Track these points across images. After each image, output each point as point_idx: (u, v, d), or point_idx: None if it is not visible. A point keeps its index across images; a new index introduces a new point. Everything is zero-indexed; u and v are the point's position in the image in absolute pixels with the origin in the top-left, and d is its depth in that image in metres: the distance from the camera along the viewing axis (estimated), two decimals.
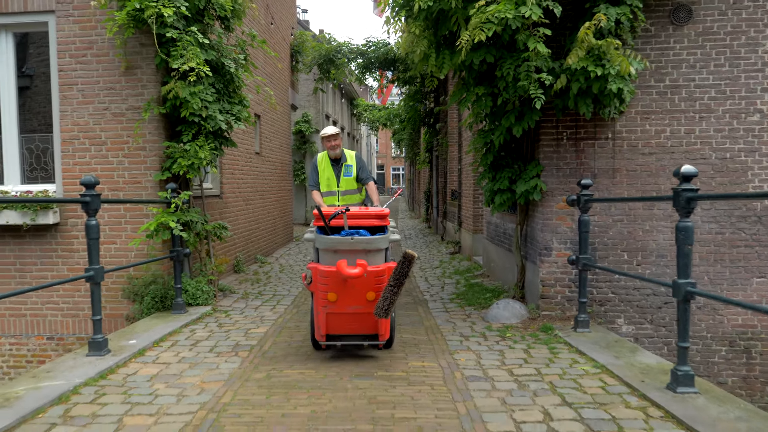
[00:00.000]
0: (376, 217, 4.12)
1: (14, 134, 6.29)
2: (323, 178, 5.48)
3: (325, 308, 3.93)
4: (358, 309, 3.92)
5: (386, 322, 4.04)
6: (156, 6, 5.28)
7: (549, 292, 5.45)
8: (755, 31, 5.07)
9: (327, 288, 3.85)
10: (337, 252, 3.83)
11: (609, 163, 5.33)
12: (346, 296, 3.86)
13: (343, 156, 5.49)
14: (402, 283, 3.72)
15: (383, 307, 3.75)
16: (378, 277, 3.83)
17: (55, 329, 6.19)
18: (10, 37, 6.22)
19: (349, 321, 4.02)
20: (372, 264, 3.83)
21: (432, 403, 3.36)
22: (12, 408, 3.16)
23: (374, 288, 3.85)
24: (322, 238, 3.85)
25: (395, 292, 3.72)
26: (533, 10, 4.23)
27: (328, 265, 3.84)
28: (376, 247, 3.84)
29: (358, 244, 3.80)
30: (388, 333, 4.16)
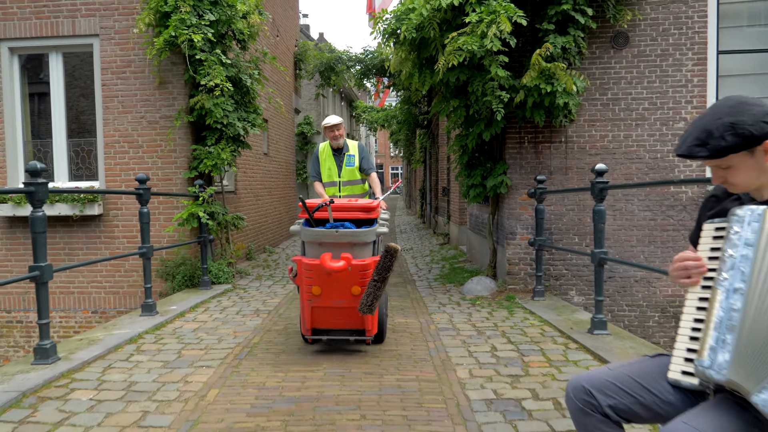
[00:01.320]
0: (362, 209, 3.98)
1: (63, 139, 7.40)
2: (324, 168, 5.49)
3: (310, 302, 3.87)
4: (343, 303, 3.84)
5: (373, 316, 3.98)
6: (187, 33, 6.38)
7: (514, 270, 6.57)
8: (680, 54, 6.19)
9: (311, 281, 3.77)
10: (322, 245, 3.77)
11: (562, 162, 6.44)
12: (330, 290, 3.78)
13: (345, 146, 5.47)
14: (385, 278, 3.65)
15: (367, 303, 3.66)
16: (363, 271, 3.74)
17: (99, 304, 7.30)
18: (60, 57, 7.33)
19: (335, 315, 3.94)
20: (358, 257, 3.75)
21: (410, 342, 4.48)
22: (99, 344, 4.28)
23: (359, 282, 3.75)
24: (307, 231, 3.78)
25: (378, 287, 3.64)
26: (494, 42, 5.33)
27: (312, 258, 3.78)
28: (361, 240, 3.77)
29: (343, 237, 3.74)
30: (375, 328, 4.08)
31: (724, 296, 1.50)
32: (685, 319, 1.64)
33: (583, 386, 1.75)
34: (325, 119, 5.43)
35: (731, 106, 1.59)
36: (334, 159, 5.46)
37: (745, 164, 1.57)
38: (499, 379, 3.56)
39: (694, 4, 6.13)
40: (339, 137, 5.36)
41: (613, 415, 1.71)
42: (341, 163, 5.45)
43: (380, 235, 3.96)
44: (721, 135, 1.55)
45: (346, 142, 5.48)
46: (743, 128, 1.53)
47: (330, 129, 5.37)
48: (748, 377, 1.44)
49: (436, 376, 3.64)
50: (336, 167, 5.46)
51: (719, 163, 1.61)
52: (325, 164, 5.48)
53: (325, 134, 5.44)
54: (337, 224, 3.87)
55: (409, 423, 2.92)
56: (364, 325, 3.99)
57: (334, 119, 5.36)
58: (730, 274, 1.50)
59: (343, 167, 5.44)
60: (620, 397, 1.71)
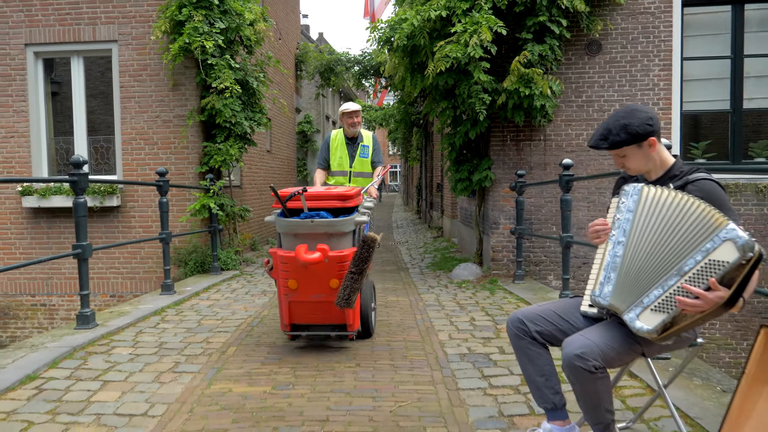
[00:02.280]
0: (338, 198, 3.73)
1: (84, 136, 8.02)
2: (335, 157, 5.25)
3: (287, 296, 3.69)
4: (321, 297, 3.66)
5: (354, 310, 3.79)
6: (200, 40, 7.00)
7: (498, 256, 7.20)
8: (647, 60, 6.82)
9: (287, 275, 3.60)
10: (297, 236, 3.58)
11: (541, 158, 7.07)
12: (307, 284, 3.61)
13: (360, 136, 5.24)
14: (363, 270, 3.49)
15: (344, 296, 3.48)
16: (341, 263, 3.57)
17: (117, 289, 7.92)
18: (81, 61, 7.94)
19: (314, 310, 3.75)
20: (335, 249, 3.58)
21: (399, 314, 5.11)
22: (128, 316, 4.90)
23: (338, 275, 3.58)
24: (281, 221, 3.60)
25: (356, 279, 3.47)
26: (476, 50, 5.95)
27: (288, 250, 3.60)
28: (338, 231, 3.59)
29: (318, 228, 3.55)
30: (357, 322, 3.89)
31: (611, 247, 2.14)
32: (594, 267, 2.27)
33: (518, 317, 2.39)
34: (343, 105, 5.18)
35: (626, 111, 2.22)
36: (346, 148, 5.21)
37: (635, 154, 2.21)
38: (474, 340, 4.19)
39: (660, 15, 6.75)
40: (357, 125, 5.14)
41: (539, 338, 2.35)
42: (354, 153, 5.20)
43: (360, 224, 3.74)
44: (617, 133, 2.19)
45: (360, 131, 5.27)
46: (632, 128, 2.17)
47: (348, 115, 5.11)
48: (622, 302, 2.07)
49: (420, 338, 4.27)
50: (348, 157, 5.20)
51: (617, 153, 2.25)
52: (336, 153, 5.23)
53: (342, 121, 5.16)
54: (312, 214, 3.62)
55: (396, 369, 3.55)
56: (345, 319, 3.78)
57: (353, 105, 5.11)
58: (616, 231, 2.14)
59: (356, 157, 5.20)
60: (544, 325, 2.34)
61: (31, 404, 3.00)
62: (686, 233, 1.93)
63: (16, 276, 7.97)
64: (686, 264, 1.91)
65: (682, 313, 1.92)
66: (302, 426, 2.73)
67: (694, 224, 1.93)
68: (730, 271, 1.84)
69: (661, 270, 1.97)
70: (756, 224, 6.64)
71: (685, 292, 1.90)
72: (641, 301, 2.00)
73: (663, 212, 2.01)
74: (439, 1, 6.29)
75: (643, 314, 1.98)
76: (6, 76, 7.80)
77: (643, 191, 2.11)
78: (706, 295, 1.85)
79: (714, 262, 1.86)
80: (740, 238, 1.81)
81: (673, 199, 1.99)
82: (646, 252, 2.02)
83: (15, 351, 3.79)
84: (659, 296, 1.96)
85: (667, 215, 1.99)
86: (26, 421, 2.80)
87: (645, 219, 2.05)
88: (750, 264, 1.81)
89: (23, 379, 3.31)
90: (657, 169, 2.23)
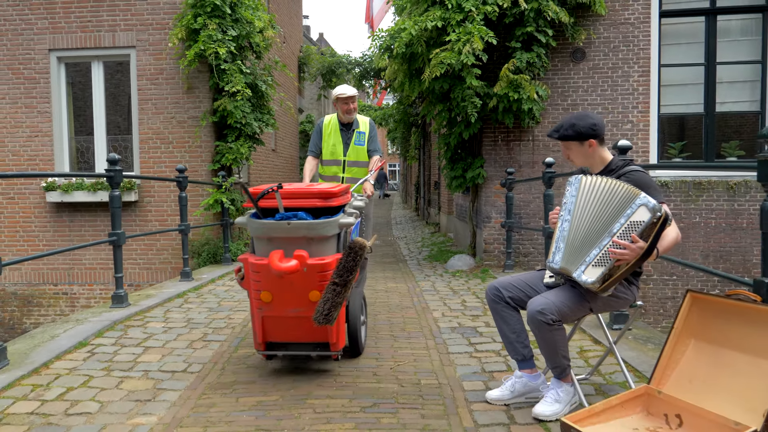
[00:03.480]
0: (320, 196, 3.20)
1: (103, 135, 8.57)
2: (327, 144, 4.73)
3: (260, 310, 3.15)
4: (299, 312, 3.12)
5: (338, 327, 3.22)
6: (214, 47, 7.55)
7: (489, 248, 7.76)
8: (627, 67, 7.38)
9: (260, 285, 3.08)
10: (272, 240, 3.07)
11: (530, 157, 7.64)
12: (283, 296, 3.08)
13: (355, 122, 4.72)
14: (347, 282, 2.97)
15: (323, 311, 2.95)
16: (322, 272, 3.04)
17: (134, 278, 8.48)
18: (101, 65, 8.49)
19: (291, 326, 3.20)
20: (316, 255, 3.07)
21: (398, 298, 5.67)
22: (154, 298, 5.46)
23: (319, 286, 3.05)
24: (253, 223, 3.11)
25: (338, 292, 2.95)
26: (468, 57, 6.51)
27: (261, 256, 3.10)
28: (319, 234, 3.06)
29: (296, 231, 3.03)
30: (342, 340, 3.32)
31: (560, 224, 2.71)
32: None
33: (494, 285, 2.95)
34: (337, 88, 4.67)
35: (578, 115, 2.79)
36: (340, 135, 4.71)
37: (577, 150, 2.78)
38: (464, 317, 4.76)
39: (640, 26, 7.32)
40: (353, 111, 4.64)
41: (511, 302, 2.91)
42: (349, 140, 4.71)
43: (346, 226, 3.19)
44: (566, 129, 2.76)
45: (357, 119, 4.75)
46: (578, 128, 2.73)
47: (344, 101, 4.61)
48: (571, 265, 2.63)
49: (417, 315, 4.84)
50: (342, 144, 4.71)
51: (564, 145, 2.82)
52: (329, 140, 4.73)
53: (337, 106, 4.69)
54: (289, 215, 3.09)
55: (395, 338, 4.12)
56: (329, 337, 3.20)
57: (349, 90, 4.62)
58: (564, 212, 2.71)
59: (351, 145, 4.71)
60: (515, 292, 2.90)
61: (88, 363, 3.56)
62: (613, 205, 2.53)
63: (40, 266, 8.52)
64: (614, 227, 2.50)
65: (615, 265, 2.49)
66: (316, 379, 3.29)
67: (618, 198, 2.52)
68: (646, 228, 2.44)
69: (597, 235, 2.55)
70: (727, 218, 7.21)
71: (615, 245, 2.48)
72: (584, 261, 2.56)
73: (596, 193, 2.59)
74: (435, 12, 6.85)
75: (587, 270, 2.55)
76: (31, 79, 8.34)
77: (582, 180, 2.69)
78: (631, 245, 2.44)
79: (634, 223, 2.46)
80: (650, 203, 2.42)
81: (604, 183, 2.58)
82: (585, 224, 2.60)
83: (63, 324, 4.35)
84: (597, 254, 2.53)
85: (600, 195, 2.57)
86: (87, 375, 3.36)
87: (584, 200, 2.63)
88: (660, 222, 2.42)
89: (76, 345, 3.87)
90: (598, 165, 2.79)
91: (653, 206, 2.42)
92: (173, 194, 8.35)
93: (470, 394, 3.05)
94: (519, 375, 2.92)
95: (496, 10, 6.68)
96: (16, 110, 8.39)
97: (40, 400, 2.98)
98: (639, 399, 2.71)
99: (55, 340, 3.91)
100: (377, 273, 7.43)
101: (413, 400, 2.98)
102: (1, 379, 3.19)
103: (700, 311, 2.73)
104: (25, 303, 8.58)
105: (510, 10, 6.74)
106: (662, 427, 2.56)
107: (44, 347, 3.77)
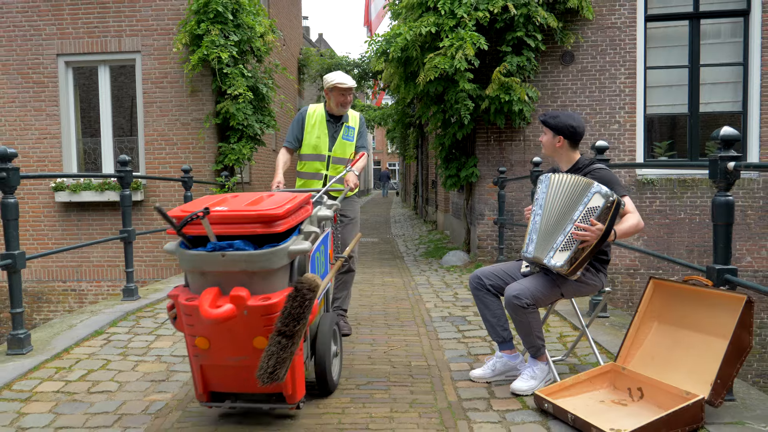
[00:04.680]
0: (260, 220, 2.45)
1: (109, 137, 8.87)
2: (311, 136, 4.11)
3: (198, 357, 2.59)
4: (243, 360, 2.54)
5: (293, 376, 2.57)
6: (216, 52, 7.84)
7: (483, 244, 8.06)
8: (614, 69, 7.68)
9: (193, 330, 2.52)
10: (206, 275, 2.48)
11: (521, 157, 7.93)
12: (222, 343, 2.51)
13: (345, 115, 4.16)
14: (294, 333, 2.36)
15: (267, 368, 2.33)
16: (268, 315, 2.43)
17: (140, 276, 8.76)
18: (108, 69, 8.79)
19: (236, 375, 2.62)
20: (260, 292, 2.45)
21: (394, 291, 5.97)
22: (163, 291, 5.77)
23: (264, 331, 2.45)
24: (182, 254, 2.48)
25: (285, 346, 2.35)
26: (461, 62, 6.80)
27: (195, 294, 2.50)
28: (263, 267, 2.43)
29: (233, 264, 2.41)
30: (300, 390, 2.64)
31: (533, 218, 3.02)
32: None
33: (477, 275, 3.25)
34: (333, 75, 4.06)
35: (567, 114, 3.09)
36: (327, 127, 4.11)
37: (549, 139, 3.11)
38: (455, 308, 5.06)
39: (626, 29, 7.61)
40: (348, 104, 4.11)
41: (492, 290, 3.20)
42: (336, 134, 4.12)
43: (300, 254, 2.53)
44: (551, 117, 3.08)
45: (347, 112, 4.21)
46: (558, 121, 3.05)
47: (341, 92, 4.02)
48: (542, 252, 2.93)
49: (411, 306, 5.14)
50: (328, 138, 4.11)
51: (543, 129, 3.14)
52: (312, 132, 4.13)
53: (330, 96, 4.08)
54: (222, 244, 2.42)
55: (389, 326, 4.42)
56: (283, 388, 2.58)
57: (349, 80, 4.04)
58: (536, 207, 3.02)
59: (338, 139, 4.12)
60: (495, 280, 3.20)
61: (105, 349, 3.86)
62: (574, 197, 2.85)
63: (49, 264, 8.82)
64: (575, 214, 2.83)
65: (579, 247, 2.80)
66: None
67: (577, 190, 2.85)
68: (602, 212, 2.77)
69: (562, 223, 2.86)
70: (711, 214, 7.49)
71: (578, 229, 2.79)
72: (552, 247, 2.87)
73: (562, 188, 2.90)
74: (429, 18, 7.15)
75: (555, 255, 2.85)
76: (40, 83, 8.64)
77: (551, 177, 3.00)
78: (591, 228, 2.77)
79: (591, 208, 2.79)
80: (603, 190, 2.77)
81: (569, 179, 2.91)
82: (553, 215, 2.91)
83: (79, 314, 4.65)
84: (563, 240, 2.83)
85: (565, 189, 2.89)
86: (105, 359, 3.66)
87: (552, 194, 2.94)
88: (613, 207, 2.77)
89: (93, 333, 4.17)
90: (566, 163, 3.11)
91: (605, 192, 2.76)
92: (178, 194, 8.64)
93: (456, 374, 3.35)
94: (499, 355, 3.22)
95: (487, 16, 6.97)
96: (25, 113, 8.69)
97: (64, 381, 3.28)
98: (606, 375, 3.02)
99: (73, 329, 4.21)
100: (375, 268, 7.73)
101: (404, 379, 3.28)
102: (28, 362, 3.49)
103: (662, 296, 3.04)
104: (35, 299, 8.88)
105: (500, 16, 7.03)
106: (625, 399, 2.86)
107: (63, 335, 4.06)
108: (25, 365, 3.44)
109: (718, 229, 2.85)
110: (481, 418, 2.74)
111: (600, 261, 3.06)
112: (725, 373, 2.57)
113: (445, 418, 2.75)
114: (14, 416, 2.82)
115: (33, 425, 2.72)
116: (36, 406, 2.93)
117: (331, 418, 2.76)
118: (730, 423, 2.56)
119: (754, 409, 2.70)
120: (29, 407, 2.92)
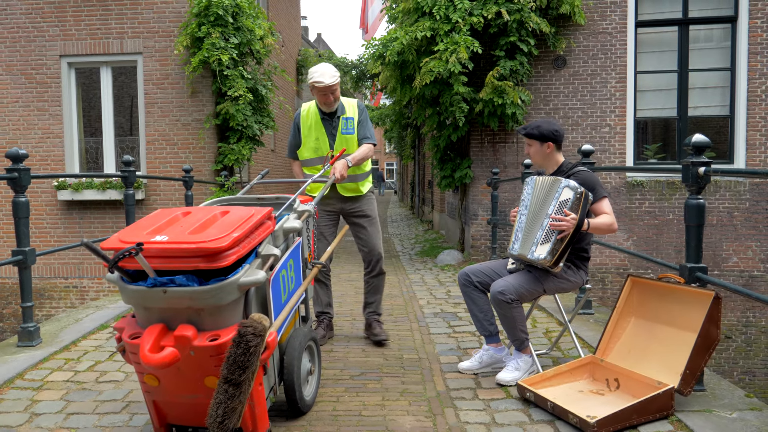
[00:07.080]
0: (201, 254, 2.16)
1: (111, 137, 9.04)
2: (309, 140, 3.87)
3: (149, 393, 2.42)
4: (196, 398, 2.36)
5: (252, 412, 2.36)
6: (217, 54, 8.01)
7: (476, 243, 8.25)
8: (605, 74, 7.87)
9: (141, 368, 2.32)
10: (150, 310, 2.26)
11: (514, 158, 8.12)
12: (172, 382, 2.33)
13: (340, 107, 3.82)
14: (241, 382, 2.14)
15: (216, 417, 2.12)
16: (219, 355, 2.21)
17: None
18: (110, 70, 8.95)
19: (192, 410, 2.42)
20: (210, 328, 2.25)
21: (388, 288, 6.13)
22: None
23: (215, 372, 2.25)
24: (124, 289, 2.24)
25: (232, 395, 2.13)
26: (455, 66, 6.99)
27: (140, 330, 2.29)
28: (210, 304, 2.22)
29: (177, 301, 2.20)
30: (262, 424, 2.42)
31: (519, 218, 3.20)
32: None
33: (465, 272, 3.43)
34: (311, 71, 3.68)
35: (545, 120, 3.28)
36: (323, 126, 3.84)
37: (537, 149, 3.27)
38: (447, 305, 5.25)
39: (617, 35, 7.80)
40: (333, 102, 3.74)
41: (479, 286, 3.39)
42: (335, 130, 3.83)
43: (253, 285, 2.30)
44: (533, 128, 3.25)
45: (341, 103, 3.84)
46: (541, 130, 3.22)
47: (321, 91, 3.66)
48: (525, 249, 3.12)
49: (404, 303, 5.32)
50: (327, 137, 3.85)
51: (528, 142, 3.32)
52: (310, 135, 3.88)
53: (314, 95, 3.77)
54: (163, 279, 2.20)
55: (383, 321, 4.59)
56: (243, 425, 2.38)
57: (328, 77, 3.62)
58: (522, 207, 3.21)
59: (338, 135, 3.83)
60: (482, 277, 3.38)
61: (111, 342, 4.04)
62: (548, 193, 3.08)
63: (51, 261, 8.98)
64: (549, 209, 3.04)
65: (558, 238, 2.98)
66: None
67: (552, 188, 3.07)
68: (574, 204, 2.98)
69: (539, 219, 3.08)
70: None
71: (554, 220, 2.99)
72: (534, 242, 3.06)
73: (543, 189, 3.11)
74: (425, 22, 7.33)
75: (537, 248, 3.04)
76: (43, 83, 8.80)
77: (536, 179, 3.21)
78: (565, 218, 2.97)
79: (563, 201, 3.01)
80: (571, 183, 3.00)
81: (545, 180, 3.14)
82: (534, 214, 3.11)
83: (84, 310, 4.83)
84: (542, 234, 3.03)
85: (545, 189, 3.10)
86: (111, 351, 3.84)
87: (536, 195, 3.14)
88: (582, 198, 2.98)
89: (98, 327, 4.34)
90: (552, 167, 3.29)
91: (573, 186, 3.00)
92: (178, 193, 8.81)
93: (445, 366, 3.53)
94: (486, 348, 3.41)
95: (481, 21, 7.15)
96: (28, 113, 8.85)
97: (73, 371, 3.46)
98: (585, 367, 3.20)
99: (79, 323, 4.38)
100: None
101: (396, 371, 3.46)
102: (38, 354, 3.67)
103: (639, 292, 3.23)
104: (37, 296, 9.04)
105: (494, 21, 7.21)
106: (603, 389, 3.04)
107: (70, 329, 4.24)
108: (35, 356, 3.61)
109: (690, 230, 3.03)
110: (467, 406, 2.92)
111: (580, 258, 3.25)
112: (694, 364, 2.76)
113: (434, 405, 2.94)
114: (28, 403, 2.99)
115: (46, 411, 2.90)
116: (48, 394, 3.11)
117: (326, 405, 2.94)
118: (699, 411, 2.75)
119: (723, 398, 2.89)
120: (41, 395, 3.10)
